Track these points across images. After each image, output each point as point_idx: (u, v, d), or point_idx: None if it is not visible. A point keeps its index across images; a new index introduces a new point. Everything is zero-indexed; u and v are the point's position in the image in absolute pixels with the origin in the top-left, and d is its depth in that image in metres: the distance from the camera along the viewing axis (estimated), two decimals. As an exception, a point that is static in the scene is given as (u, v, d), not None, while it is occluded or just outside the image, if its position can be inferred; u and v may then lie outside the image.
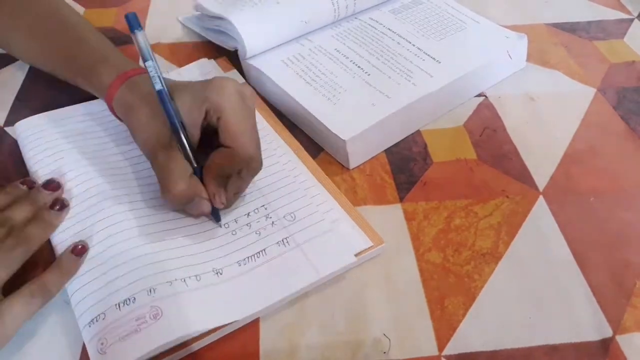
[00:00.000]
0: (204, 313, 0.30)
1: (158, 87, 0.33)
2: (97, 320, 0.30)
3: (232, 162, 0.34)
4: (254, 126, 0.35)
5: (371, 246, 0.34)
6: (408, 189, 0.39)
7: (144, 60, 0.33)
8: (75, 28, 0.43)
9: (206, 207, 0.34)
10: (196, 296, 0.31)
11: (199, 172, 0.34)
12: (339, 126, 0.40)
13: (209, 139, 0.35)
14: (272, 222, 0.35)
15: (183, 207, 0.35)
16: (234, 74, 0.48)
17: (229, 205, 0.35)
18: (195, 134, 0.34)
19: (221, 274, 0.33)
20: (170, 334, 0.29)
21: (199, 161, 0.34)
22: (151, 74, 0.33)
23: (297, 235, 0.35)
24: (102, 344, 0.29)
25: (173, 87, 0.35)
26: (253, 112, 0.35)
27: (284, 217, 0.36)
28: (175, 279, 0.32)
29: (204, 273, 0.32)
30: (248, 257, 0.34)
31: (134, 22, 0.33)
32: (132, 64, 0.39)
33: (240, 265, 0.33)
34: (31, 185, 0.36)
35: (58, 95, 0.47)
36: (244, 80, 0.48)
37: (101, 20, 0.55)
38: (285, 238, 0.34)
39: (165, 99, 0.33)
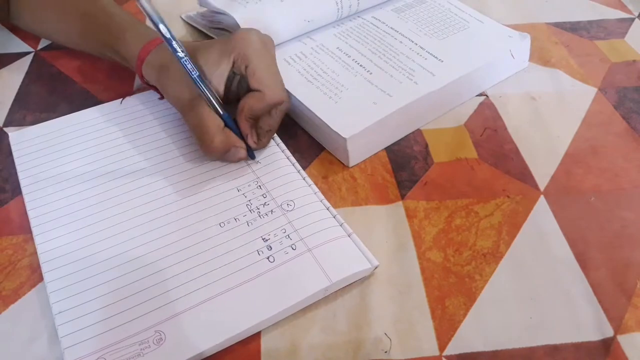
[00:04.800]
0: (209, 329, 0.30)
1: (175, 46, 0.34)
2: (94, 339, 0.29)
3: (263, 103, 0.37)
4: (277, 70, 0.38)
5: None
6: (409, 187, 0.39)
7: (155, 25, 0.34)
8: (97, 1, 0.44)
9: (242, 153, 0.37)
10: (199, 312, 0.31)
11: (229, 120, 0.37)
12: (340, 124, 0.40)
13: (233, 92, 0.39)
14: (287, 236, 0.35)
15: (221, 157, 0.38)
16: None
17: (262, 144, 0.39)
18: (221, 85, 0.37)
19: (225, 283, 0.32)
20: (174, 358, 0.29)
21: (227, 111, 0.37)
22: (166, 35, 0.34)
23: (307, 240, 0.34)
24: None
25: (198, 46, 0.38)
26: (274, 57, 0.39)
27: (284, 206, 0.36)
28: (178, 298, 0.31)
29: (207, 285, 0.32)
30: (252, 264, 0.33)
31: None
32: (157, 33, 0.41)
33: (245, 272, 0.33)
34: None
35: (57, 96, 0.47)
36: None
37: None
38: (294, 243, 0.34)
39: (180, 57, 0.34)
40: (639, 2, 0.60)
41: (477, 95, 0.47)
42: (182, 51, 0.34)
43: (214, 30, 0.52)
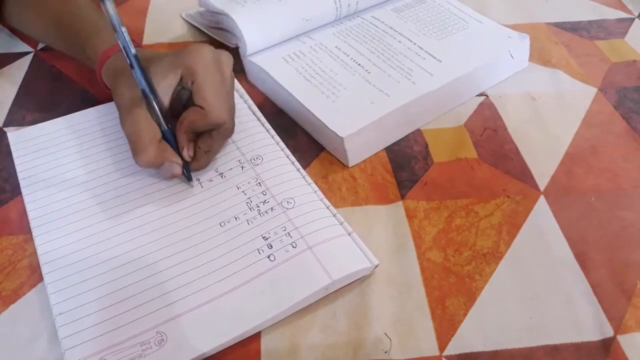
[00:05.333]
0: (210, 330, 0.30)
1: (128, 54, 0.34)
2: (94, 340, 0.29)
3: (203, 121, 0.35)
4: (227, 91, 0.37)
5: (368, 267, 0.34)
6: (409, 187, 0.39)
7: (114, 30, 0.33)
8: (71, 2, 0.44)
9: (176, 169, 0.36)
10: (201, 313, 0.31)
11: (169, 134, 0.36)
12: (337, 123, 0.40)
13: (183, 108, 0.37)
14: (286, 231, 0.35)
15: (154, 169, 0.37)
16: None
17: (199, 165, 0.38)
18: (166, 97, 0.36)
19: (226, 284, 0.32)
20: (175, 359, 0.29)
21: (171, 126, 0.36)
22: (121, 43, 0.34)
23: (307, 237, 0.34)
24: None
25: (152, 56, 0.37)
26: (228, 77, 0.37)
27: (284, 203, 0.36)
28: (179, 299, 0.31)
29: (208, 286, 0.32)
30: (253, 263, 0.33)
31: None
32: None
33: (245, 272, 0.33)
34: None
35: (57, 96, 0.46)
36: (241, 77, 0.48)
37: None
38: (294, 241, 0.34)
39: (133, 63, 0.34)
40: (639, 2, 0.60)
41: (477, 95, 0.47)
42: (135, 59, 0.34)
43: (214, 30, 0.52)
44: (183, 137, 0.36)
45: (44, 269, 0.33)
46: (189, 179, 0.38)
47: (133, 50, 0.34)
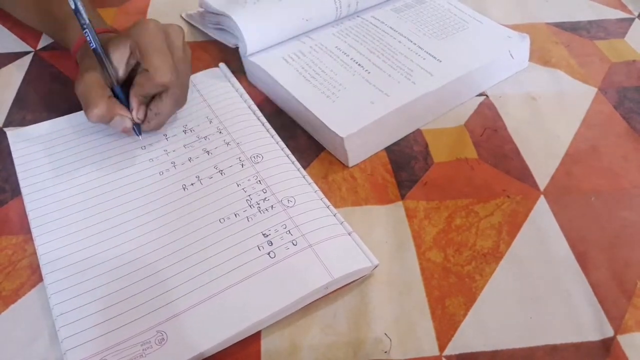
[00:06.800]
0: (211, 327, 0.30)
1: (80, 17, 0.37)
2: (95, 340, 0.29)
3: (149, 82, 0.38)
4: (178, 57, 0.39)
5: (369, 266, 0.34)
6: (409, 186, 0.39)
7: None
8: None
9: (127, 123, 0.39)
10: (201, 310, 0.31)
11: (121, 95, 0.39)
12: (337, 123, 0.40)
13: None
14: (285, 228, 0.35)
15: (106, 124, 0.39)
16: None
17: (149, 126, 0.40)
18: (121, 66, 0.39)
19: (226, 280, 0.32)
20: (176, 358, 0.29)
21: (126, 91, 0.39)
22: (72, 7, 0.36)
23: (308, 236, 0.34)
24: None
25: (111, 36, 0.41)
26: (179, 47, 0.40)
27: (284, 201, 0.36)
28: (179, 297, 0.31)
29: (208, 283, 0.32)
30: (253, 260, 0.33)
31: None
32: (97, 24, 0.44)
33: (245, 268, 0.33)
34: None
35: (57, 96, 0.46)
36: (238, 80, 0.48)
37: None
38: (295, 239, 0.34)
39: (86, 27, 0.37)
40: (639, 2, 0.60)
41: (477, 95, 0.47)
42: (87, 23, 0.37)
43: (214, 30, 0.52)
44: (134, 99, 0.39)
45: (44, 269, 0.33)
46: (137, 133, 0.40)
47: (86, 17, 0.37)
